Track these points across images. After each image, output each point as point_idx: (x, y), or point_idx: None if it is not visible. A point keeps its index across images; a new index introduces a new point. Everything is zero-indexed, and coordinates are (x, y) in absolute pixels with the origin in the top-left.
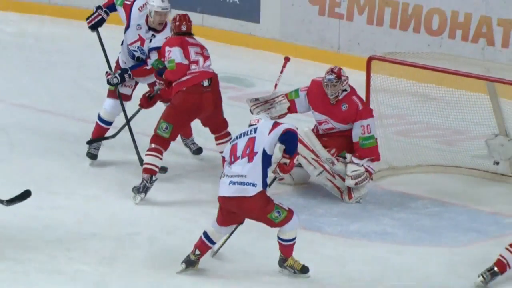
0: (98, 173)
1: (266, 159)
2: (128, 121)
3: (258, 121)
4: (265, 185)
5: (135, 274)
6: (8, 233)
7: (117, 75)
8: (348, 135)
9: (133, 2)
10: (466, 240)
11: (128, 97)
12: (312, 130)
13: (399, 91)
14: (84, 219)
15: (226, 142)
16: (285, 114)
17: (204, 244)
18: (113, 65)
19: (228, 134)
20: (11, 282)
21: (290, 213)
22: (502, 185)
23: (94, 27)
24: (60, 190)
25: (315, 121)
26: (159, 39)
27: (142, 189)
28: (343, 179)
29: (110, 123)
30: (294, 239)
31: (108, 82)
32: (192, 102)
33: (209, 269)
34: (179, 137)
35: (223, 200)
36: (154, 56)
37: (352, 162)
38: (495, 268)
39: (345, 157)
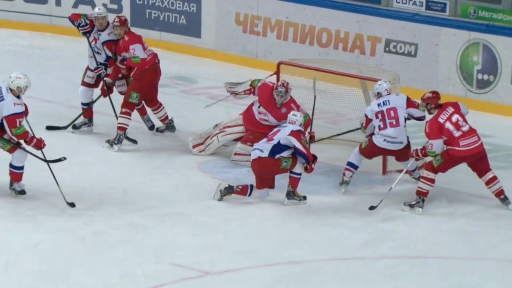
0: (84, 144)
1: (278, 145)
2: (113, 107)
3: (293, 122)
4: (272, 154)
5: (114, 215)
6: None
7: (103, 69)
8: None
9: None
10: (346, 191)
11: (94, 85)
12: (242, 114)
13: (299, 86)
14: (77, 178)
15: (161, 109)
16: (248, 91)
17: (246, 189)
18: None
19: (161, 104)
20: (25, 223)
21: (294, 158)
22: None
23: (86, 33)
24: (59, 157)
25: (256, 109)
26: (103, 36)
27: (117, 141)
28: None
29: (87, 105)
30: (300, 174)
31: (100, 75)
32: (153, 75)
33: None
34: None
35: (251, 164)
36: (105, 49)
37: None
38: (421, 197)
39: None
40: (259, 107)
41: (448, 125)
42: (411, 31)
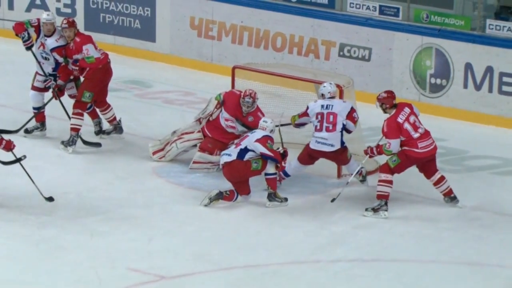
0: (37, 149)
1: (245, 149)
2: (64, 108)
3: (264, 129)
4: (240, 157)
5: (68, 220)
6: None
7: (52, 81)
8: (231, 138)
9: (38, 22)
10: (301, 194)
11: (44, 89)
12: (199, 120)
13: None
14: (29, 183)
15: (110, 110)
16: (218, 104)
17: (233, 195)
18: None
19: (109, 105)
20: None
21: (264, 159)
22: None
23: (30, 48)
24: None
25: (222, 116)
26: (49, 42)
27: (71, 142)
28: None
29: (38, 109)
30: (275, 173)
31: (49, 87)
32: (105, 74)
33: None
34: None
35: (222, 171)
36: (55, 55)
37: None
38: (383, 200)
39: None
40: (225, 114)
41: (406, 125)
42: (365, 35)
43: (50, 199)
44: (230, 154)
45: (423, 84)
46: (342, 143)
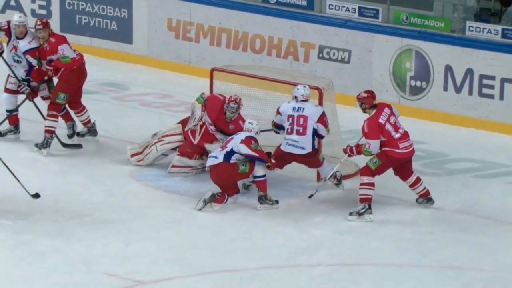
0: (12, 151)
1: (231, 151)
2: (36, 107)
3: (249, 131)
4: (226, 159)
5: (44, 224)
6: None
7: (26, 86)
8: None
9: (8, 25)
10: (281, 198)
11: (17, 91)
12: (193, 130)
13: (233, 93)
14: (4, 186)
15: (84, 112)
16: (203, 107)
17: (223, 197)
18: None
19: (84, 107)
20: None
21: (251, 161)
22: None
23: (0, 54)
24: None
25: (207, 120)
26: (22, 45)
27: (46, 145)
28: None
29: (11, 111)
30: (264, 175)
31: (23, 92)
32: (80, 76)
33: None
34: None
35: (210, 174)
36: (28, 57)
37: None
38: (367, 204)
39: None
40: (207, 119)
41: (388, 126)
42: (344, 37)
43: (36, 195)
44: (217, 156)
45: (403, 86)
46: (313, 146)
